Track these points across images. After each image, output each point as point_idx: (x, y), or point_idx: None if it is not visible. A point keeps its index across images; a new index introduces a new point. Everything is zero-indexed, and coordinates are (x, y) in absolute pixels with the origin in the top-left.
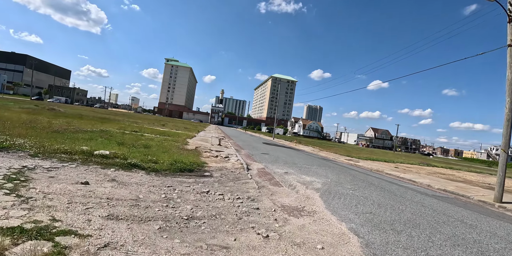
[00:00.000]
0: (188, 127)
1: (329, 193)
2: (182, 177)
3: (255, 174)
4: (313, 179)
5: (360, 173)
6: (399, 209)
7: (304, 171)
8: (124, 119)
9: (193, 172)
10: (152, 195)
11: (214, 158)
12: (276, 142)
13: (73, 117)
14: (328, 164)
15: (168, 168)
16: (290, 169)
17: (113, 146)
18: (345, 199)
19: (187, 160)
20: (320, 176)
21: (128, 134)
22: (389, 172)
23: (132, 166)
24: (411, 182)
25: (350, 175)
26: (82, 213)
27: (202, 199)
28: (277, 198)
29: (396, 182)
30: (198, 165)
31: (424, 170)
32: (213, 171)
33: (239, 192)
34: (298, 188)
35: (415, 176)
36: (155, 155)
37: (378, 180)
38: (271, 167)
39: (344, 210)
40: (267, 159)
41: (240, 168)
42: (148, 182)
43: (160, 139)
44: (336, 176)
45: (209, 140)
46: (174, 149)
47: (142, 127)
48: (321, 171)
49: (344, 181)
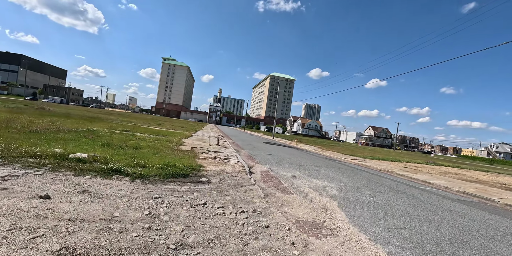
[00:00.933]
0: (185, 127)
1: (348, 201)
2: (174, 184)
3: (259, 178)
4: (325, 184)
5: (372, 175)
6: (435, 221)
7: (313, 174)
8: (118, 119)
9: (187, 177)
10: (132, 212)
11: (212, 160)
12: (277, 141)
13: (61, 116)
14: (336, 165)
15: (158, 173)
16: (297, 171)
17: (96, 147)
18: (369, 210)
19: (181, 163)
20: (332, 179)
21: (118, 134)
22: (400, 172)
23: (114, 171)
24: (427, 184)
25: (363, 177)
26: (23, 247)
27: (197, 215)
28: (289, 210)
29: (413, 185)
30: (194, 168)
31: (434, 170)
32: (211, 176)
33: (242, 203)
34: (311, 195)
35: (428, 176)
36: (144, 157)
37: (395, 183)
38: (276, 170)
39: (373, 225)
40: (271, 160)
41: (241, 171)
42: (130, 193)
43: (153, 139)
44: (349, 180)
45: (206, 140)
46: (167, 151)
47: (135, 127)
48: (332, 173)
49: (359, 185)
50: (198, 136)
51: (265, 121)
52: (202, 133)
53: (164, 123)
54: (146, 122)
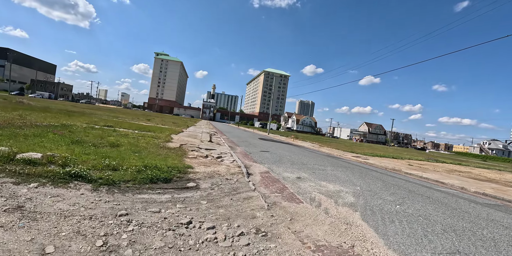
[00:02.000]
0: (177, 122)
1: (372, 212)
2: (153, 192)
3: (258, 181)
4: (338, 188)
5: (383, 175)
6: (487, 238)
7: (320, 174)
8: (105, 114)
9: (171, 182)
10: (76, 244)
11: (203, 159)
12: (273, 138)
13: (37, 110)
14: (341, 164)
15: (133, 177)
16: (302, 172)
17: (62, 145)
18: (402, 224)
19: (165, 164)
20: (344, 182)
21: (96, 129)
22: (408, 171)
23: (73, 177)
24: (440, 184)
25: (376, 179)
26: None
27: (177, 243)
28: (302, 228)
29: (429, 185)
30: (180, 170)
31: (439, 168)
32: (201, 179)
33: (240, 218)
34: (325, 204)
35: (438, 175)
36: (119, 157)
37: (412, 185)
38: (277, 170)
39: (418, 250)
40: (269, 159)
41: (237, 173)
42: (86, 209)
43: (137, 135)
44: (362, 182)
45: (198, 136)
46: (151, 148)
47: (121, 122)
48: (341, 174)
49: (377, 189)
50: (189, 132)
51: (259, 117)
52: (194, 129)
53: (154, 118)
54: (135, 118)
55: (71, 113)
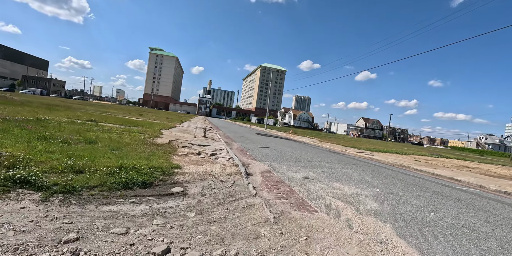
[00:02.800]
0: (171, 118)
1: (405, 223)
2: (125, 201)
3: (260, 183)
4: (354, 190)
5: (396, 172)
6: None
7: (329, 173)
8: (95, 109)
9: (151, 187)
10: None
11: (195, 157)
12: (271, 133)
13: (15, 105)
14: (348, 161)
15: (101, 182)
16: (308, 170)
17: (23, 141)
18: (448, 240)
19: (146, 164)
20: (359, 182)
21: (77, 124)
22: (417, 167)
23: (17, 183)
24: (456, 182)
25: (392, 177)
26: None
27: None
28: (324, 253)
29: (448, 184)
30: (164, 171)
31: (446, 163)
32: (190, 182)
33: (239, 239)
34: (345, 213)
35: (450, 172)
36: (90, 156)
37: (434, 185)
38: (280, 169)
39: None
40: (270, 156)
41: (234, 173)
42: (17, 233)
43: (122, 131)
44: (379, 181)
45: (192, 132)
46: (135, 145)
47: (108, 117)
48: (352, 172)
49: (398, 190)
50: (183, 127)
51: (256, 112)
52: (188, 124)
53: (148, 114)
54: (126, 113)
55: (54, 108)
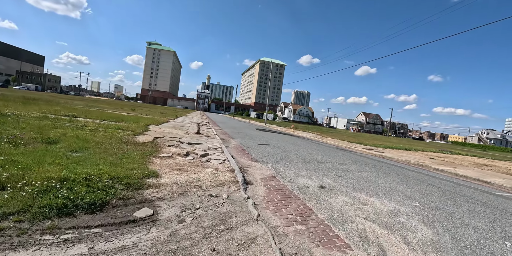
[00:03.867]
0: (166, 113)
1: None
2: (51, 240)
3: (262, 197)
4: (389, 205)
5: (419, 174)
6: None
7: (348, 179)
8: (85, 104)
9: (104, 210)
10: None
11: (181, 160)
12: (271, 128)
13: None
14: (362, 160)
15: (24, 206)
16: (321, 175)
17: None
18: None
19: (107, 172)
20: (389, 192)
21: (48, 120)
22: (435, 166)
23: None
24: (485, 184)
25: (422, 182)
26: None
27: None
28: None
29: (487, 190)
30: (131, 184)
31: (461, 161)
32: (165, 199)
33: None
34: (391, 248)
35: (472, 172)
36: (33, 163)
37: (473, 192)
38: (287, 174)
39: None
40: (273, 155)
41: (229, 182)
42: None
43: (99, 127)
44: (411, 190)
45: (185, 127)
46: (108, 145)
47: (93, 111)
48: (374, 176)
49: (440, 203)
50: (176, 122)
51: (255, 107)
52: (184, 119)
53: (142, 109)
54: (118, 108)
55: (31, 102)
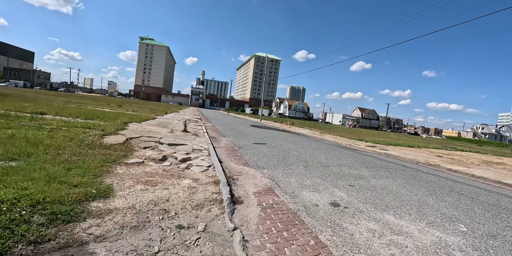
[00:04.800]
0: (156, 109)
1: None
2: None
3: (255, 227)
4: (430, 234)
5: (441, 178)
6: None
7: (365, 190)
8: (67, 100)
9: None
10: None
11: (153, 167)
12: (266, 124)
13: None
14: (370, 161)
15: None
16: (331, 185)
17: None
18: None
19: (29, 195)
20: (420, 209)
21: (5, 117)
22: (447, 166)
23: None
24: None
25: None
26: None
27: None
28: None
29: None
30: (58, 213)
31: (469, 158)
32: (106, 239)
33: None
34: None
35: (487, 172)
36: None
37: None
38: (287, 184)
39: None
40: (269, 157)
41: (209, 201)
42: None
43: (63, 126)
44: (446, 204)
45: (171, 124)
46: (62, 148)
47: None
48: (393, 185)
49: (491, 225)
50: (164, 119)
51: (250, 103)
52: (173, 115)
53: (132, 105)
54: (103, 104)
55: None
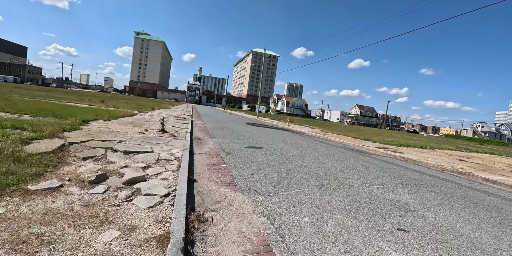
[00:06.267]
0: (145, 105)
1: None
2: None
3: None
4: None
5: (499, 199)
6: None
7: (430, 241)
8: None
9: None
10: None
11: (68, 198)
12: (263, 122)
13: None
14: (401, 174)
15: None
16: (372, 234)
17: None
18: None
19: None
20: None
21: None
22: (480, 175)
23: None
24: None
25: None
26: None
27: None
28: None
29: None
30: None
31: (493, 162)
32: None
33: None
34: None
35: None
36: None
37: None
38: (298, 233)
39: None
40: (265, 170)
41: None
42: None
43: None
44: None
45: (149, 123)
46: None
47: (32, 103)
48: (466, 225)
49: None
50: (146, 116)
51: (247, 100)
52: (160, 112)
53: (119, 101)
54: (85, 100)
55: None
